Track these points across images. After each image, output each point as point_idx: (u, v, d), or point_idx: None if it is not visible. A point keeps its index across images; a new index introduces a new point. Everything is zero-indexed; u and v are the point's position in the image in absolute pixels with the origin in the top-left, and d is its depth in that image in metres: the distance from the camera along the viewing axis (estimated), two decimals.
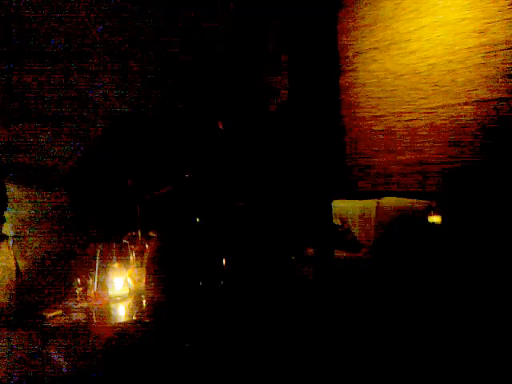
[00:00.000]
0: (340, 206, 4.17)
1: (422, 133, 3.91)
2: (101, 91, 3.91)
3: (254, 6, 4.51)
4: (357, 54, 4.44)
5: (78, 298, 2.63)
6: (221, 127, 3.55)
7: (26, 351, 2.16)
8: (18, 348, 2.19)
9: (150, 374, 2.29)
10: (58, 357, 2.15)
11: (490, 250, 2.96)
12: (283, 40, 4.65)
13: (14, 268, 2.72)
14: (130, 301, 2.65)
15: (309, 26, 4.50)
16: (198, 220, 3.63)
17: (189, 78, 4.40)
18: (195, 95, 4.34)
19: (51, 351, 2.17)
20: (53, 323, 2.32)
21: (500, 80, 3.44)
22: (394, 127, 4.13)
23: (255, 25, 4.65)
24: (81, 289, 2.69)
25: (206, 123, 3.83)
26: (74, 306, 2.53)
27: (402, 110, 4.06)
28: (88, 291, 2.68)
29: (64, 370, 2.06)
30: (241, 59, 4.57)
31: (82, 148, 3.53)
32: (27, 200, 3.01)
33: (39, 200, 3.08)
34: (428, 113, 3.86)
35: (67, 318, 2.38)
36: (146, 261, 2.93)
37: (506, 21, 3.39)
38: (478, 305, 2.74)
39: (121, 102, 3.94)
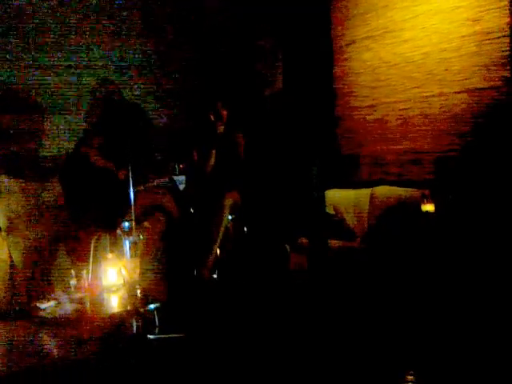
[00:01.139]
0: (334, 195, 4.18)
1: (415, 122, 3.91)
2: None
3: (253, 6, 4.51)
4: (350, 43, 4.40)
5: (73, 289, 2.65)
6: (212, 119, 3.55)
7: (21, 341, 2.18)
8: (13, 338, 2.21)
9: (146, 364, 2.31)
10: (53, 346, 2.17)
11: (484, 239, 2.97)
12: (279, 33, 4.64)
13: (8, 260, 2.74)
14: (124, 291, 2.66)
15: (302, 17, 4.47)
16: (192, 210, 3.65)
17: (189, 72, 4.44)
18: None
19: (46, 341, 2.19)
20: (47, 314, 2.34)
21: (493, 68, 3.42)
22: (387, 116, 4.12)
23: (254, 23, 4.65)
24: (75, 280, 2.70)
25: (200, 116, 3.84)
26: (68, 297, 2.55)
27: (396, 99, 4.04)
28: (82, 282, 2.69)
29: (58, 359, 2.08)
30: (239, 53, 4.58)
31: (75, 140, 3.53)
32: (20, 192, 3.01)
33: (33, 192, 3.08)
34: (422, 102, 3.85)
35: (61, 308, 2.40)
36: (141, 249, 2.94)
37: (499, 9, 3.36)
38: (473, 294, 2.75)
39: (117, 95, 3.93)
